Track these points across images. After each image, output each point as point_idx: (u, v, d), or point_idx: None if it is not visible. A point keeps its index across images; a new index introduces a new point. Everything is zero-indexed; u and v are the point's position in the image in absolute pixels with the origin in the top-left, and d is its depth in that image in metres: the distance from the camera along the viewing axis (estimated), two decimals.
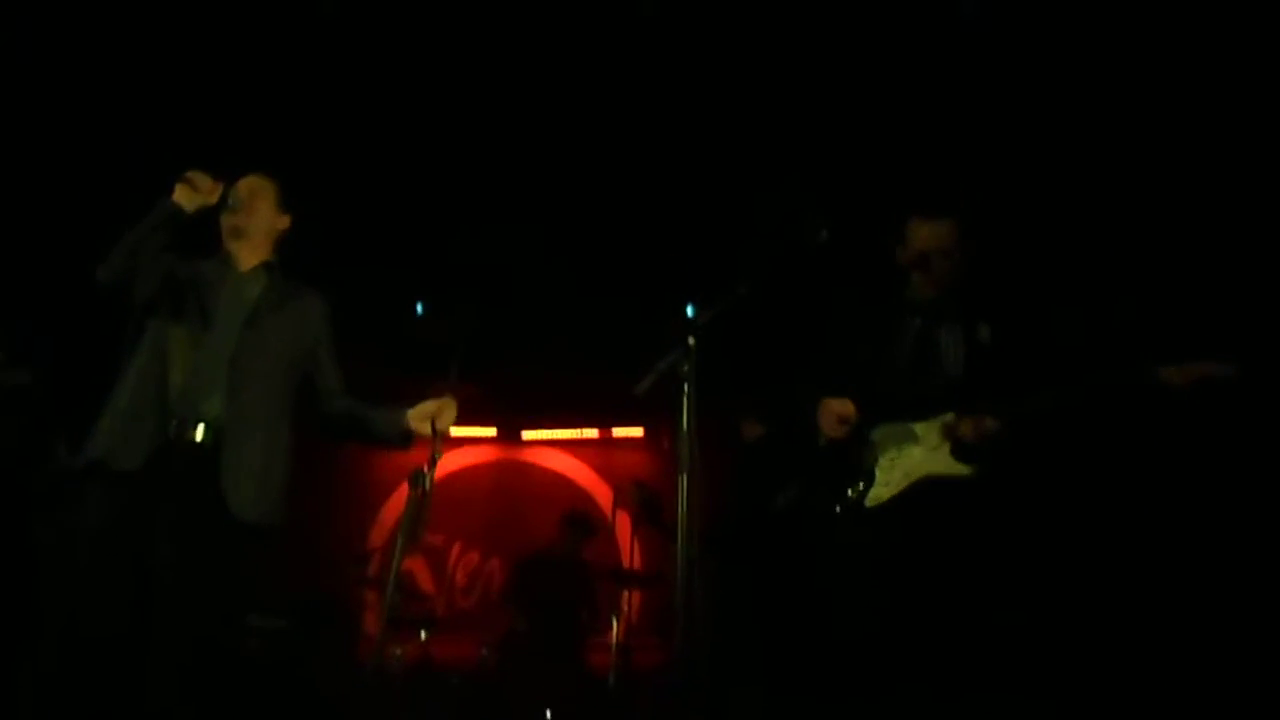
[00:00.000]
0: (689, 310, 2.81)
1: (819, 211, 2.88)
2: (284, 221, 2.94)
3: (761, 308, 2.77)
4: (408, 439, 2.83)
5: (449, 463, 7.54)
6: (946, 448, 2.93)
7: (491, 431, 7.59)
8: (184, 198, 2.65)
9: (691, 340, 2.70)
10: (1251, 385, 2.71)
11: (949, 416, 2.94)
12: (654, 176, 5.24)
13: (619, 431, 7.43)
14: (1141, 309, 4.22)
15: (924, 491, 2.91)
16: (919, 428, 2.99)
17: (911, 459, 2.97)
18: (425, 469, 4.00)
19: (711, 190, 5.23)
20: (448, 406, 2.76)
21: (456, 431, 7.41)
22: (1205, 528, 4.04)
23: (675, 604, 2.55)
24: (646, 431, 7.33)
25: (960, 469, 2.91)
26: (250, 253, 2.87)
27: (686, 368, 2.69)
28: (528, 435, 7.59)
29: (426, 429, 2.75)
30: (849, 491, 3.00)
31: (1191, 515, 4.08)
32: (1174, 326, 3.40)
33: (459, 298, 4.63)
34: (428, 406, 2.76)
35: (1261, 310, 3.94)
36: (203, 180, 2.68)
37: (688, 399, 2.67)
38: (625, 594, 5.04)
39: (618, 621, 4.89)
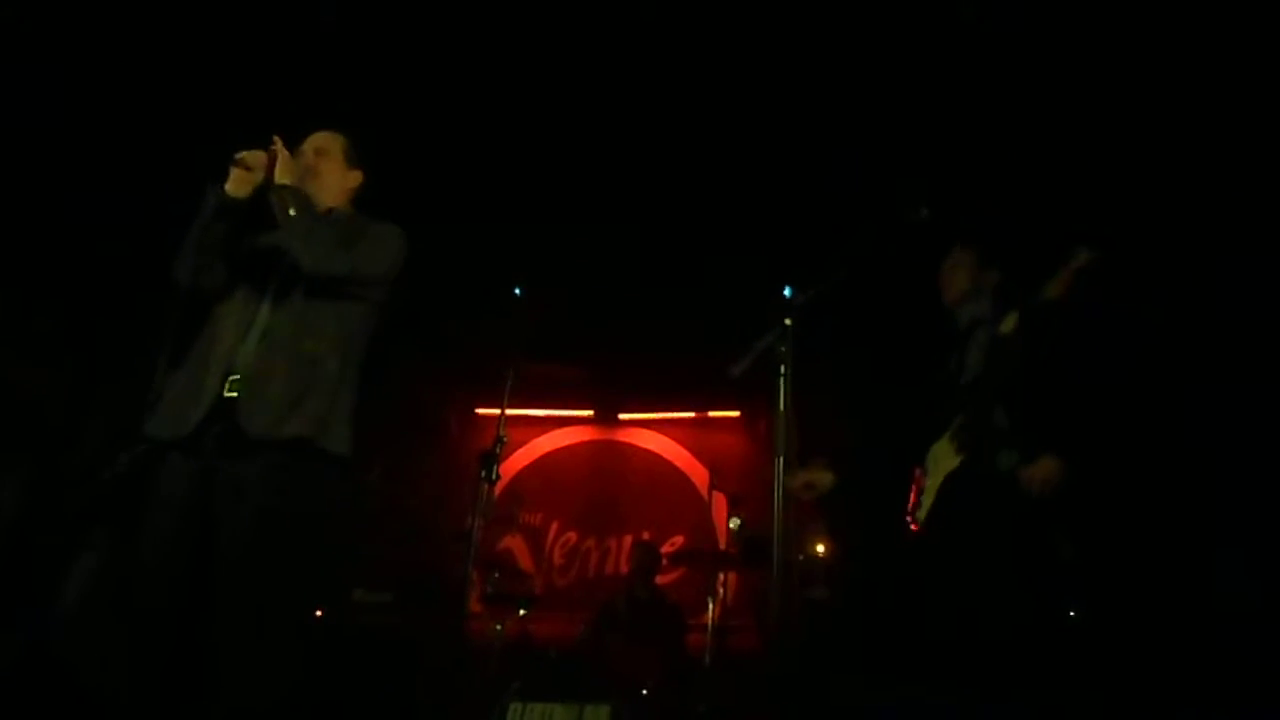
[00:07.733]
0: (786, 291, 2.78)
1: (919, 189, 2.86)
2: (354, 178, 2.80)
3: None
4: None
5: (547, 443, 7.65)
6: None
7: (589, 412, 7.65)
8: (237, 184, 2.49)
9: (789, 321, 2.69)
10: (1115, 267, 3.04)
11: (961, 418, 3.15)
12: (756, 154, 5.19)
13: (715, 413, 7.41)
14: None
15: (946, 488, 3.12)
16: (946, 436, 3.19)
17: (940, 466, 3.17)
18: (495, 450, 4.08)
19: (812, 170, 5.15)
20: None
21: (554, 412, 7.57)
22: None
23: (770, 589, 2.54)
24: (743, 413, 7.29)
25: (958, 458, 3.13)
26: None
27: (784, 349, 2.67)
28: (624, 416, 7.63)
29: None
30: (912, 520, 3.21)
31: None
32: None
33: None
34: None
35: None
36: (254, 157, 2.50)
37: (785, 380, 2.64)
38: (721, 576, 5.02)
39: (713, 604, 4.88)
